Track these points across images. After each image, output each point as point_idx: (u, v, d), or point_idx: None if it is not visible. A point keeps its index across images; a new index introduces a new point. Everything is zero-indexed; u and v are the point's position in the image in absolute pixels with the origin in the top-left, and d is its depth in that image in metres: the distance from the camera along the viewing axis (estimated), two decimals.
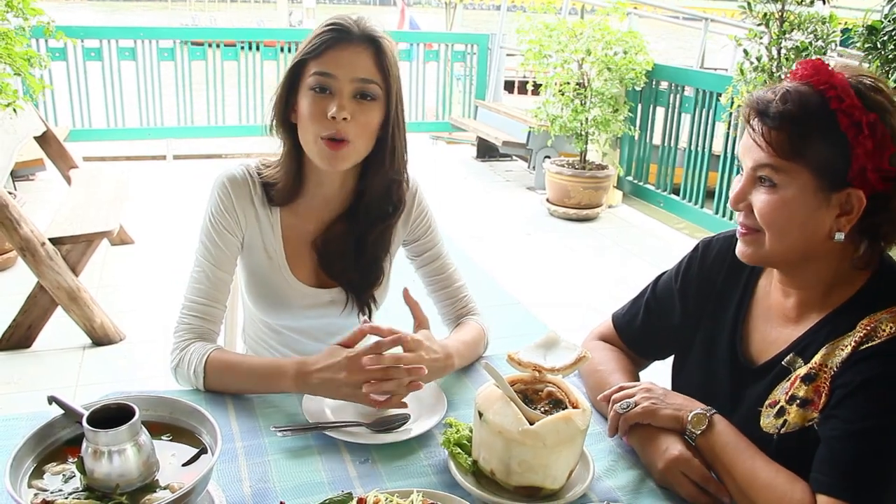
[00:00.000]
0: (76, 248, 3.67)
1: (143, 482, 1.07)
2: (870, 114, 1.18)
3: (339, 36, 1.53)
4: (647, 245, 5.85)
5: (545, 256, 5.54)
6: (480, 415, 1.24)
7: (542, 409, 1.26)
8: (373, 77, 1.54)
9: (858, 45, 3.56)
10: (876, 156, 1.18)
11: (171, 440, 1.17)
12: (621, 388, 1.44)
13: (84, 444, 1.06)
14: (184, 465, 1.13)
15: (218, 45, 7.71)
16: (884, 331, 1.20)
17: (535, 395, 1.30)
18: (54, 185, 5.91)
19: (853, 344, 1.22)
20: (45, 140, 5.12)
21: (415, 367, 1.41)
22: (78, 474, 1.07)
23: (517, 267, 5.24)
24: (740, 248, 1.34)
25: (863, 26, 3.51)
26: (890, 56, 3.45)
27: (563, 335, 1.37)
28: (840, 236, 1.24)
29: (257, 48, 7.94)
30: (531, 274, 5.14)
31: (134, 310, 4.19)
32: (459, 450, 1.30)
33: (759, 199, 1.25)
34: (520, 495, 1.23)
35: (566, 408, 1.25)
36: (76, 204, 4.20)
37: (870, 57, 3.52)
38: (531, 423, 1.19)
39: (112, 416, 1.06)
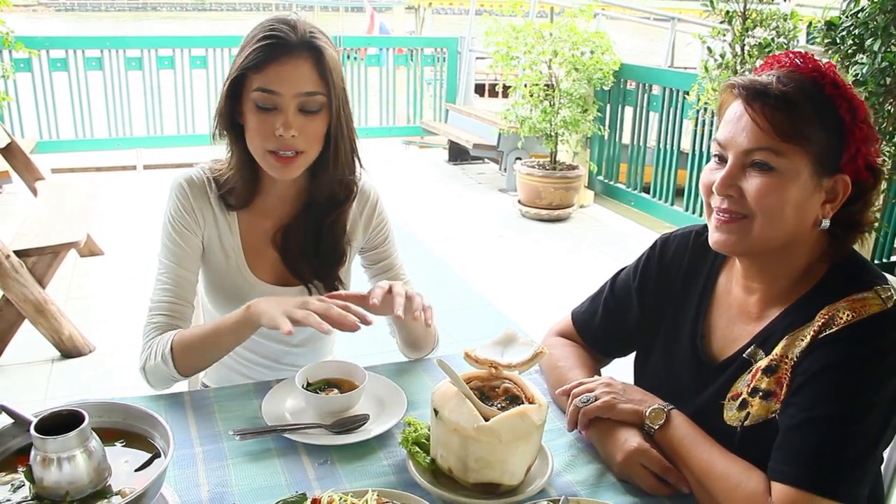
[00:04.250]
0: (42, 259, 3.62)
1: (95, 488, 1.06)
2: (859, 100, 1.22)
3: (278, 48, 1.50)
4: (619, 244, 5.87)
5: (517, 258, 5.55)
6: (436, 412, 1.24)
7: (499, 405, 1.27)
8: (316, 88, 1.53)
9: (818, 40, 3.61)
10: (867, 141, 1.22)
11: (124, 446, 1.16)
12: (581, 384, 1.45)
13: (32, 452, 1.05)
14: (136, 470, 1.12)
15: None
16: (841, 318, 1.21)
17: (491, 391, 1.30)
18: (21, 198, 5.85)
19: (812, 333, 1.23)
20: (10, 152, 5.06)
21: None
22: (27, 483, 1.05)
23: (490, 269, 5.25)
24: (721, 238, 1.29)
25: (822, 22, 3.56)
26: (849, 51, 3.50)
27: (521, 332, 1.38)
28: (826, 223, 1.25)
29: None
30: (504, 275, 5.14)
31: (104, 321, 4.15)
32: (418, 448, 1.29)
33: (754, 183, 1.23)
34: (478, 492, 1.23)
35: (523, 403, 1.26)
36: (42, 215, 4.14)
37: (829, 52, 3.57)
38: (486, 420, 1.20)
39: (62, 423, 1.05)
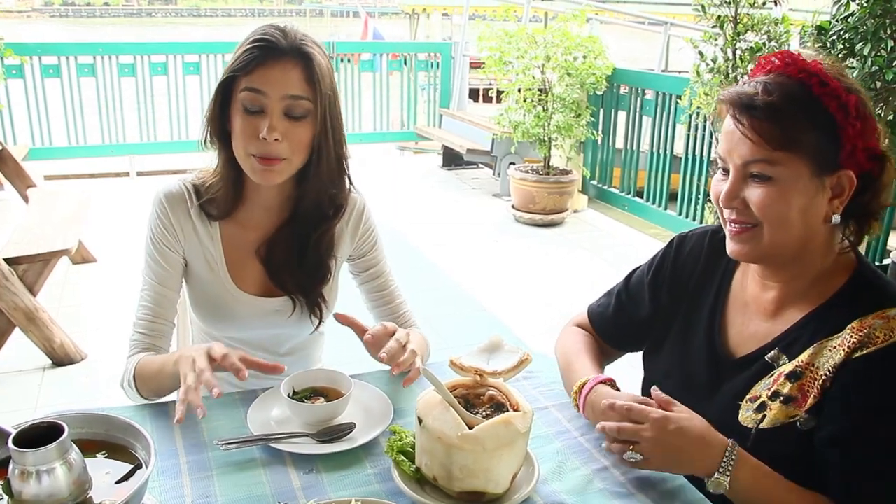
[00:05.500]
0: (33, 267, 3.60)
1: (75, 501, 1.05)
2: (850, 95, 1.21)
3: (268, 51, 1.50)
4: (612, 248, 5.87)
5: (512, 263, 5.54)
6: (420, 421, 1.23)
7: (484, 413, 1.26)
8: (303, 93, 1.52)
9: (809, 44, 3.62)
10: (864, 135, 1.22)
11: (106, 457, 1.15)
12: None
13: (11, 465, 1.03)
14: (117, 482, 1.11)
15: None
16: (878, 337, 1.21)
17: (476, 399, 1.30)
18: (12, 205, 5.83)
19: (846, 350, 1.22)
20: (2, 159, 5.05)
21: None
22: (5, 496, 1.04)
23: (484, 274, 5.24)
24: (736, 248, 1.31)
25: (812, 27, 3.57)
26: (839, 56, 3.51)
27: (509, 338, 1.37)
28: (836, 218, 1.26)
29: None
30: (498, 281, 5.14)
31: (96, 328, 4.14)
32: (403, 457, 1.29)
33: (755, 193, 1.24)
34: (463, 501, 1.22)
35: (507, 411, 1.25)
36: (33, 223, 4.12)
37: (820, 56, 3.57)
38: (470, 428, 1.19)
39: (41, 435, 1.04)
